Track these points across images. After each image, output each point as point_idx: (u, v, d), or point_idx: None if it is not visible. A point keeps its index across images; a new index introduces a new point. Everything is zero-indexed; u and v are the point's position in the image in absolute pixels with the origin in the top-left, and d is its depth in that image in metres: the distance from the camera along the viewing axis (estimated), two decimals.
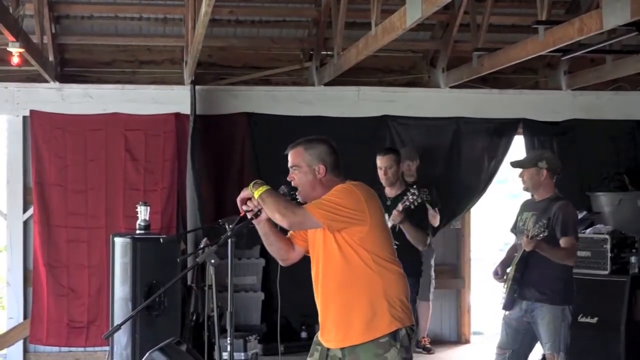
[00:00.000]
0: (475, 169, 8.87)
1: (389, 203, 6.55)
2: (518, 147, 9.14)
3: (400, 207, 6.19)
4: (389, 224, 6.01)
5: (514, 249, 5.95)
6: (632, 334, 7.40)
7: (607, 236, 7.63)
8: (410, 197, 6.23)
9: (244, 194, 4.05)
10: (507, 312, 5.80)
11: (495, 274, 5.82)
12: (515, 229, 5.97)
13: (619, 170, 8.83)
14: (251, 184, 4.05)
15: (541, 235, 5.39)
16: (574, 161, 8.96)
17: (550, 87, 9.23)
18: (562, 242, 5.54)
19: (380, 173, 6.62)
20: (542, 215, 5.65)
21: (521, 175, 5.81)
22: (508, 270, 5.75)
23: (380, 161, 6.69)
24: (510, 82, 9.02)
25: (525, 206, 5.99)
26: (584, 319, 7.59)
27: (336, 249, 4.01)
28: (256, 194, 3.96)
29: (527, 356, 5.83)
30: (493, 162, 8.98)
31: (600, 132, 9.12)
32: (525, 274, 5.58)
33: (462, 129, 8.94)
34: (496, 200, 12.80)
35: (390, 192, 6.52)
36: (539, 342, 5.75)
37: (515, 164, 5.97)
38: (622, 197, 8.50)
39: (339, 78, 8.23)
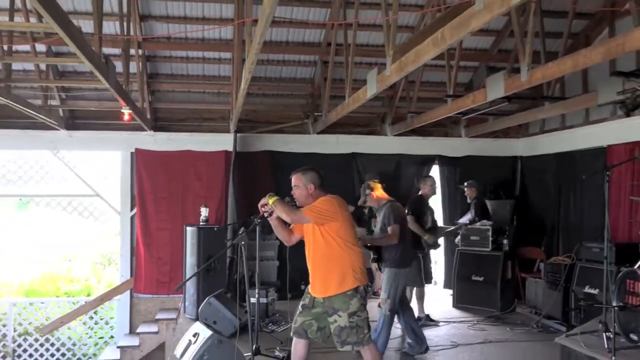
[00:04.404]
0: (410, 186, 8.78)
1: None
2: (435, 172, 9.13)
3: None
4: None
5: None
6: (503, 287, 7.46)
7: (489, 227, 7.68)
8: None
9: (263, 201, 4.11)
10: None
11: None
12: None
13: (497, 187, 8.86)
14: (268, 195, 4.09)
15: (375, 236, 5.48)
16: (470, 181, 9.01)
17: (455, 136, 9.23)
18: (388, 229, 5.34)
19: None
20: (380, 216, 5.51)
21: (364, 201, 5.65)
22: None
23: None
24: (430, 132, 9.02)
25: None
26: (475, 278, 7.62)
27: (320, 237, 4.06)
28: (270, 201, 4.02)
29: (402, 302, 5.55)
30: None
31: (486, 164, 9.11)
32: (380, 252, 5.40)
33: (401, 161, 8.93)
34: None
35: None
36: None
37: (361, 203, 5.76)
38: (498, 203, 8.52)
39: (325, 129, 8.23)
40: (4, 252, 12.17)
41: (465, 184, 8.31)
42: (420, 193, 6.87)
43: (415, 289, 6.75)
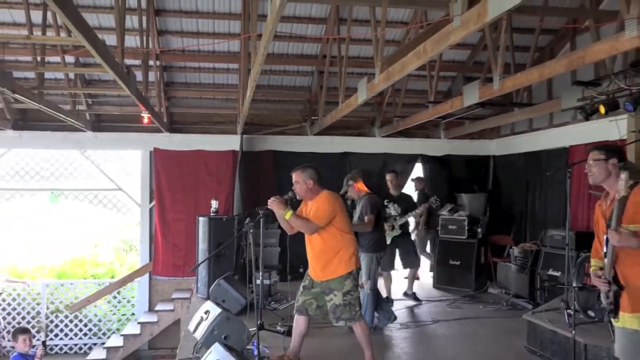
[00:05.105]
0: None
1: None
2: (417, 169, 9.13)
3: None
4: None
5: None
6: (477, 270, 7.48)
7: (465, 217, 7.70)
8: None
9: (277, 205, 3.94)
10: None
11: None
12: None
13: (471, 182, 8.86)
14: (284, 210, 3.92)
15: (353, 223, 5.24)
16: (448, 177, 8.99)
17: (435, 137, 9.19)
18: (365, 218, 5.34)
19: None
20: (359, 207, 5.48)
21: (346, 191, 5.61)
22: None
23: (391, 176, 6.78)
24: (413, 134, 8.99)
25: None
26: (452, 262, 7.63)
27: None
28: (287, 216, 3.94)
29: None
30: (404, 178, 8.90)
31: (463, 162, 9.11)
32: (358, 238, 5.26)
33: (388, 160, 8.85)
34: None
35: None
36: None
37: (342, 192, 5.64)
38: (473, 197, 8.53)
39: (322, 131, 8.20)
40: (38, 239, 12.14)
41: (415, 177, 8.41)
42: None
43: (408, 270, 6.92)
